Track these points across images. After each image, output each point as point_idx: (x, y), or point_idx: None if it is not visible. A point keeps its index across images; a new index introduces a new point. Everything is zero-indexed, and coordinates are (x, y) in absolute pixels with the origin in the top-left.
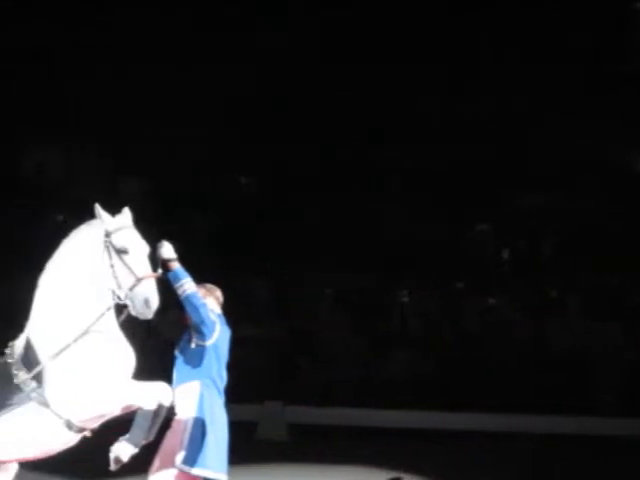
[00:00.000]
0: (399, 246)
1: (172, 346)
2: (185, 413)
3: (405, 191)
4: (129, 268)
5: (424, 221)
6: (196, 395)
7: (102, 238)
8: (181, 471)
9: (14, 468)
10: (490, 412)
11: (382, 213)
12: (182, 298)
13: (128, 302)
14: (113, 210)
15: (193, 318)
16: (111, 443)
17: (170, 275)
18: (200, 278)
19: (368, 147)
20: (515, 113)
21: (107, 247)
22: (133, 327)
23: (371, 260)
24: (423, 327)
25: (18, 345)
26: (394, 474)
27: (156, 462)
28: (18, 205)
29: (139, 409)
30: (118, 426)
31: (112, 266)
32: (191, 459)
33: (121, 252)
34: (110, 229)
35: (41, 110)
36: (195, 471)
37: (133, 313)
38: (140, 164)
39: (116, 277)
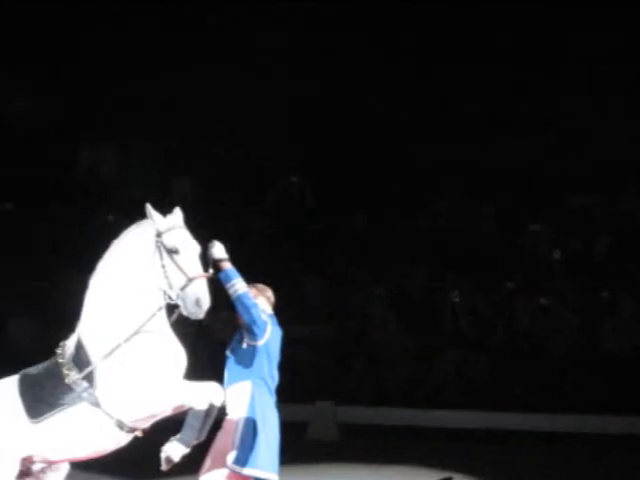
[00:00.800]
0: (451, 246)
1: (223, 346)
2: (236, 413)
3: (457, 190)
4: (180, 268)
5: (477, 221)
6: (247, 395)
7: (153, 238)
8: (232, 471)
9: (65, 468)
10: (542, 412)
11: (434, 213)
12: (233, 298)
13: (179, 302)
14: (164, 210)
15: (244, 318)
16: (162, 443)
17: (221, 275)
18: (251, 278)
19: (417, 145)
20: (569, 113)
21: (158, 247)
22: (184, 327)
23: (423, 260)
24: (475, 327)
25: (69, 345)
26: (445, 474)
27: (207, 462)
28: (69, 205)
29: (190, 409)
30: (169, 426)
31: (163, 266)
32: (242, 459)
33: (172, 252)
34: (161, 229)
35: (94, 110)
36: (246, 471)
37: (184, 313)
38: (192, 164)
39: (167, 277)
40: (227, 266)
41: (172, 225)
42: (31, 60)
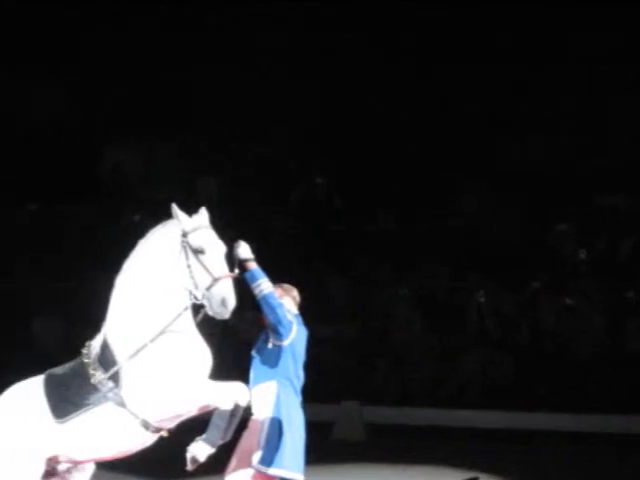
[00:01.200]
0: (476, 245)
1: (249, 346)
2: (262, 413)
3: (482, 190)
4: (206, 268)
5: (502, 221)
6: (273, 395)
7: (179, 238)
8: (258, 471)
9: (91, 468)
10: (567, 412)
11: (459, 212)
12: (259, 298)
13: (205, 302)
14: (190, 210)
15: (270, 318)
16: (188, 443)
17: (247, 275)
18: (276, 278)
19: (443, 145)
20: (597, 113)
21: (184, 247)
22: (210, 327)
23: (448, 260)
24: (500, 327)
25: (95, 345)
26: (471, 474)
27: (233, 462)
28: (95, 204)
29: (216, 409)
30: (195, 426)
31: (189, 266)
32: (268, 459)
33: (198, 252)
34: (187, 229)
35: (119, 109)
36: (272, 471)
37: (210, 313)
38: (217, 164)
39: (193, 277)
40: (253, 266)
41: (198, 225)
42: (56, 60)
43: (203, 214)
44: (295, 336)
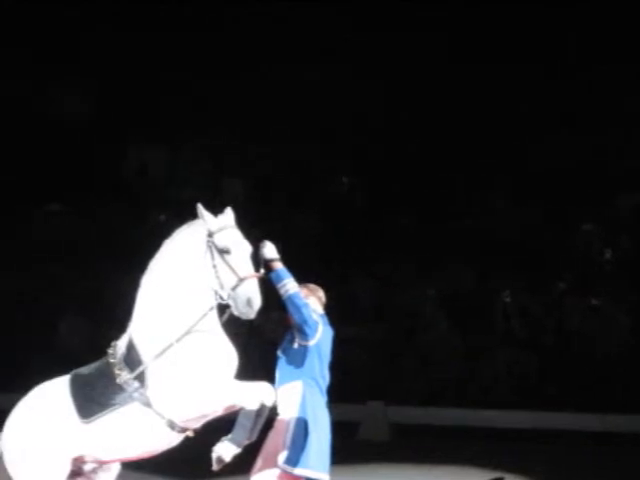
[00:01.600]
0: (502, 246)
1: (274, 346)
2: (287, 413)
3: (508, 190)
4: (231, 268)
5: (528, 221)
6: (298, 395)
7: (205, 238)
8: (283, 471)
9: (117, 468)
10: (592, 412)
11: (485, 212)
12: (284, 298)
13: (230, 302)
14: (215, 211)
15: (295, 318)
16: (213, 443)
17: (272, 275)
18: (302, 278)
19: (467, 145)
20: (621, 112)
21: (210, 247)
22: (235, 327)
23: (474, 260)
24: (525, 327)
25: (120, 345)
26: (496, 474)
27: (258, 462)
28: (121, 205)
29: (242, 409)
30: (221, 426)
31: (214, 266)
32: (293, 459)
33: (223, 252)
34: (213, 229)
35: (144, 111)
36: (297, 471)
37: (235, 313)
38: (243, 164)
39: (218, 277)
40: (278, 266)
41: (223, 225)
42: (80, 60)
43: (229, 214)
44: (321, 336)
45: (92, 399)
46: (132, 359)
